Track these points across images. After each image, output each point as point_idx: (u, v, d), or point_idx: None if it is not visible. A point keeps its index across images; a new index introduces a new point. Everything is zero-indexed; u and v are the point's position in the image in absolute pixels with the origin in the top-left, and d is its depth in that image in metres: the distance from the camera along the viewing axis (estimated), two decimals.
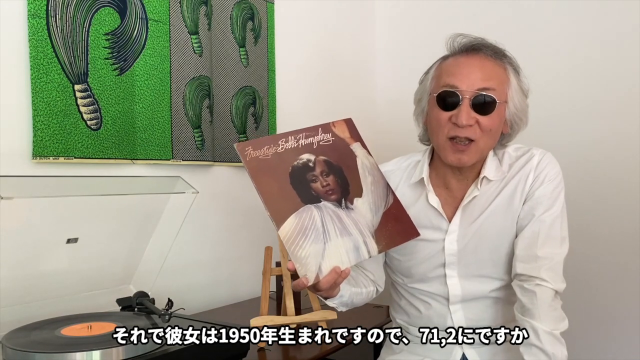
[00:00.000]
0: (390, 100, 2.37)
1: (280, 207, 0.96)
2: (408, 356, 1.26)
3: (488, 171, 1.16)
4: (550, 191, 1.14)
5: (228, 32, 1.68)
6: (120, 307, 1.14)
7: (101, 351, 0.87)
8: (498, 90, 1.10)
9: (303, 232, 0.96)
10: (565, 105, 1.96)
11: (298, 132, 1.04)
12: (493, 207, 1.17)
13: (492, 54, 1.12)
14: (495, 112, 1.09)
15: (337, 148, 1.08)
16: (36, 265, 1.05)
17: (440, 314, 1.21)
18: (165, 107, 1.47)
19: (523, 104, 1.15)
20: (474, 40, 1.14)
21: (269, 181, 0.97)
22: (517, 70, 1.15)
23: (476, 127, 1.09)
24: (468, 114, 1.08)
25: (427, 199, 1.20)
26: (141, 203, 1.16)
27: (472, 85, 1.08)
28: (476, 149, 1.11)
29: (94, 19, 1.30)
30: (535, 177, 1.15)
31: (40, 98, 1.20)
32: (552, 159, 1.17)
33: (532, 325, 1.07)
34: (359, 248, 1.02)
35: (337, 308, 1.16)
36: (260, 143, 1.00)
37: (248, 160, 0.97)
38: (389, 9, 2.39)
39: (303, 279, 0.94)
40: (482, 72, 1.10)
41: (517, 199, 1.16)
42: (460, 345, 1.21)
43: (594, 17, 1.91)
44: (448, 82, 1.10)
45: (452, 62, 1.13)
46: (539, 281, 1.10)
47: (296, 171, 1.01)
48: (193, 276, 1.59)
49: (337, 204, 1.03)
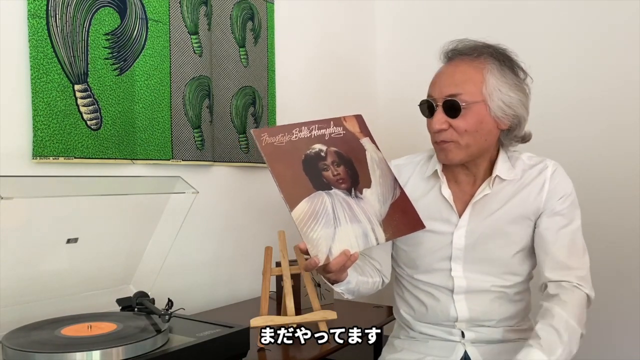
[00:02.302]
0: (391, 99, 2.37)
1: (294, 191, 1.00)
2: (409, 354, 1.27)
3: (500, 170, 1.21)
4: (568, 205, 1.20)
5: (228, 32, 1.68)
6: (120, 307, 1.14)
7: (101, 351, 0.87)
8: (468, 92, 1.15)
9: (315, 216, 1.01)
10: (564, 105, 1.96)
11: (311, 124, 1.10)
12: (505, 209, 1.20)
13: (467, 56, 1.18)
14: (467, 113, 1.15)
15: (347, 141, 1.13)
16: (36, 265, 1.05)
17: (444, 305, 1.23)
18: (165, 107, 1.47)
19: (512, 97, 1.16)
20: (450, 48, 1.21)
21: (282, 166, 1.01)
22: (505, 66, 1.17)
23: (451, 130, 1.16)
24: (439, 119, 1.16)
25: (440, 190, 1.24)
26: (141, 203, 1.16)
27: (441, 92, 1.16)
28: (459, 147, 1.17)
29: (94, 19, 1.30)
30: (552, 189, 1.20)
31: (40, 98, 1.20)
32: (564, 171, 1.23)
33: (560, 312, 1.11)
34: (367, 235, 1.06)
35: (344, 295, 1.19)
36: (276, 131, 1.04)
37: (263, 145, 1.01)
38: (389, 9, 2.39)
39: (314, 259, 0.98)
40: (451, 78, 1.17)
41: (529, 207, 1.20)
42: (463, 343, 1.23)
43: (594, 16, 1.91)
44: (428, 92, 1.20)
45: (436, 73, 1.22)
46: (575, 284, 1.16)
47: (309, 159, 1.06)
48: (193, 276, 1.59)
49: (347, 192, 1.08)
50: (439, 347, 1.24)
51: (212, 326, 1.04)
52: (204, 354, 0.96)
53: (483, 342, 1.23)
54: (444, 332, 1.25)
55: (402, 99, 2.33)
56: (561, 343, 1.07)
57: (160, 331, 0.96)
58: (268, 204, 1.85)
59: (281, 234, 1.32)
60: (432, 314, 1.25)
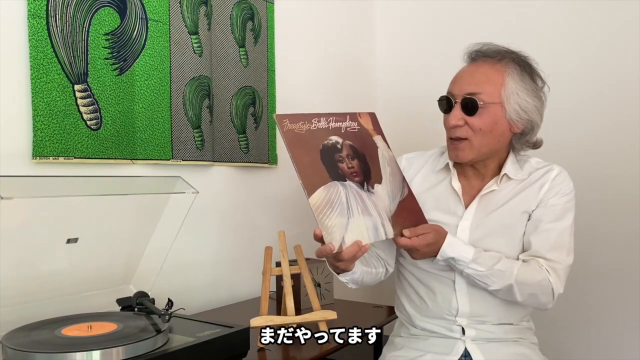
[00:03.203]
0: (391, 99, 2.37)
1: (312, 178, 1.03)
2: (410, 352, 1.28)
3: (508, 169, 1.25)
4: (563, 203, 1.23)
5: (228, 32, 1.68)
6: (120, 307, 1.14)
7: (101, 351, 0.87)
8: (487, 93, 1.19)
9: (330, 204, 1.03)
10: (564, 105, 1.96)
11: (329, 115, 1.12)
12: (508, 207, 1.24)
13: (490, 58, 1.22)
14: (483, 112, 1.19)
15: (361, 136, 1.16)
16: (36, 265, 1.05)
17: (446, 295, 1.25)
18: (165, 107, 1.47)
19: (529, 102, 1.20)
20: (474, 49, 1.27)
21: (302, 153, 1.04)
22: (525, 72, 1.22)
23: (466, 127, 1.21)
24: (456, 115, 1.21)
25: (451, 182, 1.29)
26: (141, 203, 1.16)
27: (461, 90, 1.21)
28: (470, 146, 1.22)
29: (94, 19, 1.30)
30: (551, 187, 1.24)
31: (40, 98, 1.20)
32: (568, 176, 1.28)
33: (512, 262, 1.19)
34: (377, 228, 1.09)
35: (348, 284, 1.22)
36: (296, 118, 1.07)
37: (285, 131, 1.04)
38: (388, 9, 2.39)
39: (329, 245, 1.01)
40: (471, 77, 1.22)
41: (530, 203, 1.24)
42: (463, 340, 1.23)
43: (597, 16, 1.91)
44: (448, 89, 1.25)
45: (457, 72, 1.27)
46: (545, 268, 1.19)
47: (326, 149, 1.08)
48: (193, 276, 1.59)
49: (360, 185, 1.10)
50: (440, 344, 1.25)
51: (212, 326, 1.04)
52: (204, 354, 0.96)
53: (483, 340, 1.24)
54: (444, 329, 1.26)
55: (402, 99, 2.34)
56: (490, 267, 1.16)
57: (160, 331, 0.96)
58: (268, 204, 1.85)
59: (281, 234, 1.32)
60: (433, 305, 1.27)
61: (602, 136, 1.90)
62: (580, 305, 1.92)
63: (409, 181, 1.28)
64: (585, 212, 1.87)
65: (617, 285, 1.87)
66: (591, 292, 1.90)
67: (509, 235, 1.24)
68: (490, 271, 1.16)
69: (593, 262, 1.90)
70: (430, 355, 1.25)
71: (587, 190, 1.88)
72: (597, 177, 1.89)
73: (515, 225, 1.24)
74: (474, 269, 1.16)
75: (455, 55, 1.30)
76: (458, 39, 1.36)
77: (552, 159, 1.32)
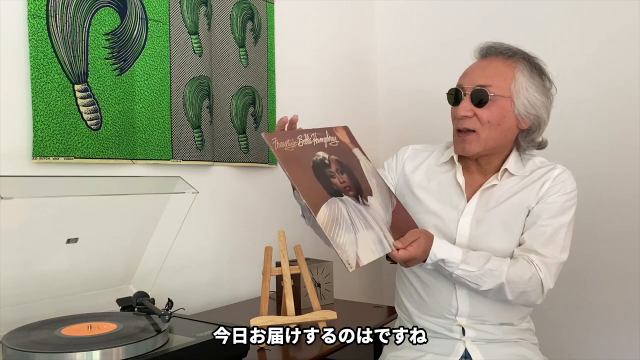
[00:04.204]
0: (391, 99, 2.37)
1: (313, 197, 1.01)
2: (410, 352, 1.28)
3: (510, 165, 1.26)
4: (562, 201, 1.23)
5: (228, 32, 1.68)
6: (120, 307, 1.14)
7: (101, 351, 0.87)
8: (497, 86, 1.20)
9: (336, 222, 1.02)
10: (565, 104, 1.96)
11: (311, 131, 1.11)
12: (509, 203, 1.24)
13: (502, 55, 1.24)
14: (492, 105, 1.20)
15: (343, 151, 1.15)
16: (36, 265, 1.04)
17: (446, 293, 1.25)
18: (165, 107, 1.47)
19: (537, 99, 1.22)
20: (486, 46, 1.27)
21: (298, 171, 1.03)
22: (534, 69, 1.24)
23: (475, 119, 1.21)
24: (465, 107, 1.22)
25: (455, 175, 1.29)
26: (141, 203, 1.16)
27: (472, 82, 1.23)
28: (477, 139, 1.22)
29: (94, 19, 1.30)
30: (552, 185, 1.24)
31: (40, 98, 1.20)
32: (571, 176, 1.27)
33: (501, 260, 1.17)
34: (382, 241, 1.08)
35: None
36: (284, 136, 1.06)
37: (276, 149, 1.03)
38: (388, 9, 2.39)
39: (284, 118, 1.10)
40: (483, 71, 1.24)
41: (531, 200, 1.24)
42: (463, 340, 1.23)
43: (597, 16, 1.91)
44: (458, 82, 1.26)
45: (468, 67, 1.28)
46: (535, 264, 1.18)
47: (316, 166, 1.07)
48: (193, 276, 1.59)
49: (355, 199, 1.09)
50: (440, 345, 1.25)
51: (212, 326, 1.04)
52: (204, 354, 0.96)
53: (484, 341, 1.24)
54: (444, 329, 1.26)
55: (402, 99, 2.34)
56: (480, 266, 1.14)
57: (160, 331, 0.96)
58: (268, 204, 1.85)
59: (281, 234, 1.32)
60: (433, 303, 1.27)
61: (604, 135, 1.90)
62: (581, 305, 1.92)
63: (412, 171, 1.29)
64: (587, 212, 1.87)
65: (618, 286, 1.87)
66: (591, 292, 1.90)
67: (510, 232, 1.24)
68: (481, 271, 1.15)
69: (594, 262, 1.90)
70: (430, 356, 1.25)
71: (589, 190, 1.89)
72: (599, 177, 1.89)
73: (515, 223, 1.24)
74: (464, 270, 1.15)
75: (455, 51, 1.30)
76: (458, 36, 1.38)
77: (555, 157, 1.33)
